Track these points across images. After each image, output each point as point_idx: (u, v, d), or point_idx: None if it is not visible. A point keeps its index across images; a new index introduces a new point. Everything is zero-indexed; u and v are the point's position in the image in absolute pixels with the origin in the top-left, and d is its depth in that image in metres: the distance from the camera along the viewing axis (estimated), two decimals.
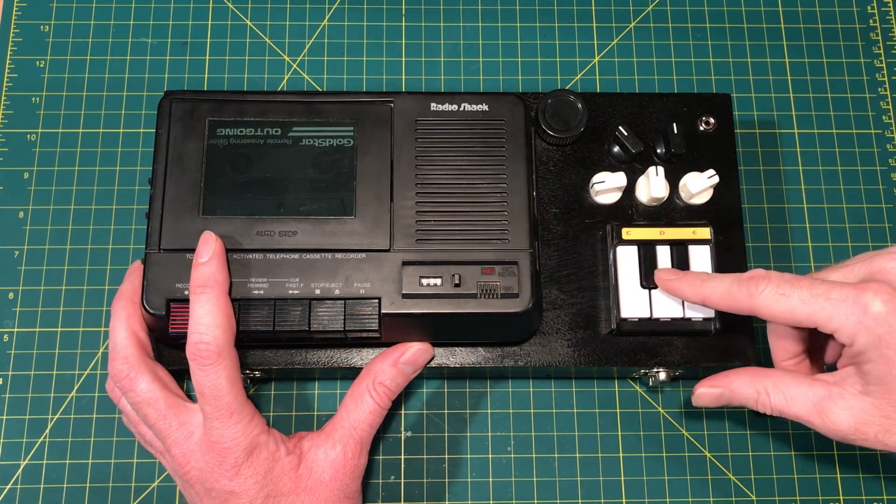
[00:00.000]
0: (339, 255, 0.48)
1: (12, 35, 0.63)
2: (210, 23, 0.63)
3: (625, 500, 0.55)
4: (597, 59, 0.63)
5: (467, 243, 0.48)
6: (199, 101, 0.51)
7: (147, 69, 0.62)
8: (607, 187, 0.52)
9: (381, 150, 0.50)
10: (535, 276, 0.48)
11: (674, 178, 0.54)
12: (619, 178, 0.52)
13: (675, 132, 0.53)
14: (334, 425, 0.49)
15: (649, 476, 0.55)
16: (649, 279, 0.50)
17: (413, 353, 0.50)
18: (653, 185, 0.52)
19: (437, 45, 0.63)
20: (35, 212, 0.59)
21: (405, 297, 0.47)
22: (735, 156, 0.54)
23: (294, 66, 0.63)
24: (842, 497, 0.55)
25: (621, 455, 0.55)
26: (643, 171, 0.54)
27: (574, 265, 0.53)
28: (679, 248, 0.51)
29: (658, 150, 0.54)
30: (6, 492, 0.54)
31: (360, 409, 0.49)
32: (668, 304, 0.50)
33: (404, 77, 0.63)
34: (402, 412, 0.56)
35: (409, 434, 0.56)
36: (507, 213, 0.49)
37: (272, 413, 0.56)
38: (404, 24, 0.64)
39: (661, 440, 0.56)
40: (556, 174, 0.54)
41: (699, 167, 0.54)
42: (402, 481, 0.55)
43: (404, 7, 0.64)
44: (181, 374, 0.51)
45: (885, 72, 0.64)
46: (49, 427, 0.55)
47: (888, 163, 0.62)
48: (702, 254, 0.51)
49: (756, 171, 0.61)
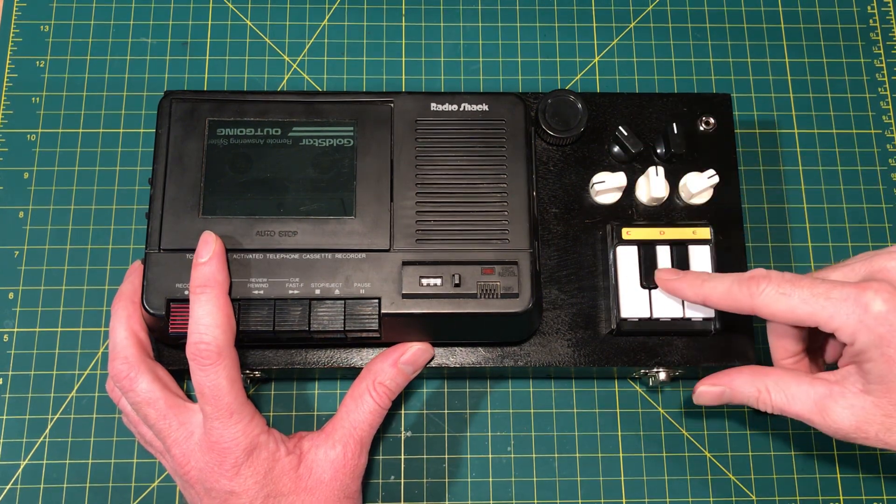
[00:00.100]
0: (339, 255, 0.48)
1: (12, 35, 0.63)
2: (210, 23, 0.63)
3: (625, 500, 0.55)
4: (597, 59, 0.63)
5: (467, 243, 0.48)
6: (199, 101, 0.51)
7: (147, 69, 0.62)
8: (607, 187, 0.52)
9: (381, 150, 0.50)
10: (535, 276, 0.48)
11: (674, 178, 0.54)
12: (619, 178, 0.52)
13: (675, 132, 0.53)
14: (334, 425, 0.49)
15: (649, 476, 0.55)
16: (649, 279, 0.50)
17: (413, 353, 0.50)
18: (653, 185, 0.52)
19: (437, 45, 0.63)
20: (35, 212, 0.59)
21: (405, 297, 0.47)
22: (735, 156, 0.54)
23: (294, 66, 0.63)
24: (842, 497, 0.55)
25: (621, 455, 0.55)
26: (643, 171, 0.54)
27: (574, 265, 0.53)
28: (679, 248, 0.51)
29: (658, 150, 0.54)
30: (6, 492, 0.54)
31: (360, 409, 0.49)
32: (668, 304, 0.50)
33: (404, 77, 0.63)
34: (402, 412, 0.56)
35: (409, 434, 0.56)
36: (507, 213, 0.49)
37: (272, 413, 0.56)
38: (404, 24, 0.64)
39: (661, 440, 0.56)
40: (556, 174, 0.54)
41: (699, 167, 0.53)
42: (402, 481, 0.55)
43: (404, 7, 0.64)
44: (181, 374, 0.51)
45: (885, 72, 0.64)
46: (49, 427, 0.55)
47: (888, 163, 0.62)
48: (702, 254, 0.51)
49: (756, 171, 0.61)
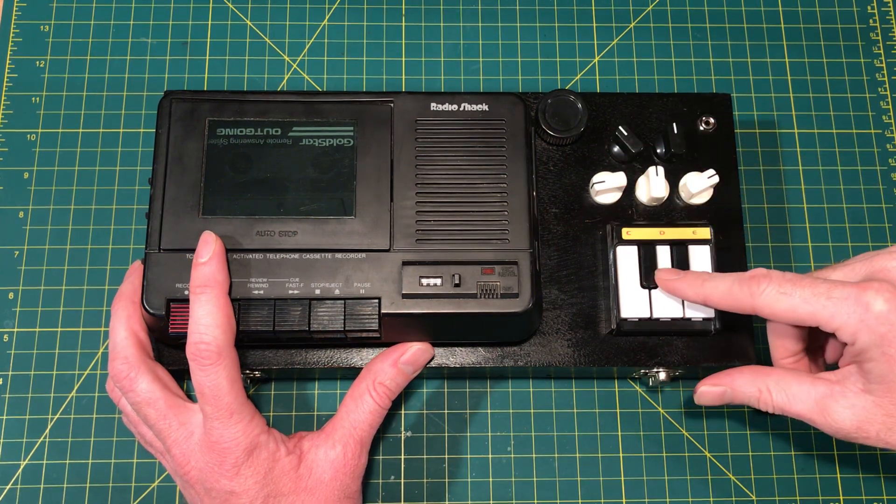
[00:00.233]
0: (339, 255, 0.48)
1: (12, 35, 0.63)
2: (210, 23, 0.63)
3: (625, 500, 0.55)
4: (597, 59, 0.63)
5: (467, 243, 0.48)
6: (199, 101, 0.51)
7: (147, 69, 0.62)
8: (607, 187, 0.52)
9: (381, 150, 0.50)
10: (535, 276, 0.48)
11: (674, 178, 0.54)
12: (619, 178, 0.52)
13: (675, 132, 0.53)
14: (334, 425, 0.49)
15: (649, 476, 0.55)
16: (649, 279, 0.50)
17: (413, 353, 0.50)
18: (653, 185, 0.52)
19: (437, 45, 0.63)
20: (35, 212, 0.59)
21: (405, 297, 0.47)
22: (735, 156, 0.54)
23: (294, 66, 0.63)
24: (842, 497, 0.55)
25: (621, 455, 0.55)
26: (643, 171, 0.54)
27: (574, 265, 0.53)
28: (679, 248, 0.51)
29: (658, 150, 0.54)
30: (6, 492, 0.54)
31: (360, 409, 0.49)
32: (668, 304, 0.50)
33: (404, 77, 0.63)
34: (402, 412, 0.56)
35: (409, 434, 0.56)
36: (507, 213, 0.49)
37: (272, 413, 0.56)
38: (404, 24, 0.64)
39: (661, 440, 0.56)
40: (556, 174, 0.54)
41: (699, 167, 0.53)
42: (402, 481, 0.55)
43: (404, 7, 0.64)
44: (181, 374, 0.51)
45: (885, 72, 0.64)
46: (49, 427, 0.55)
47: (888, 163, 0.62)
48: (702, 254, 0.51)
49: (756, 171, 0.61)
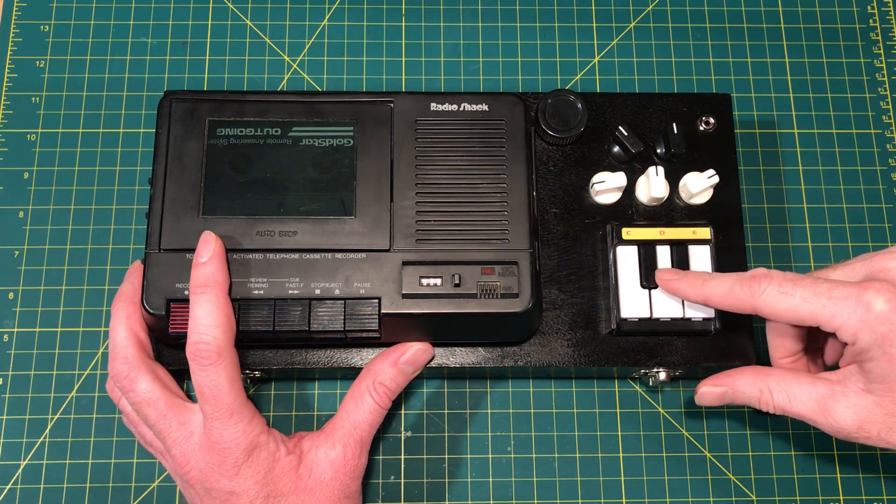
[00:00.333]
0: (339, 255, 0.48)
1: (12, 35, 0.63)
2: (210, 23, 0.63)
3: (625, 500, 0.55)
4: (597, 59, 0.63)
5: (467, 243, 0.48)
6: (199, 101, 0.51)
7: (147, 69, 0.62)
8: (607, 187, 0.52)
9: (381, 150, 0.50)
10: (535, 276, 0.48)
11: (674, 178, 0.54)
12: (619, 178, 0.52)
13: (675, 132, 0.53)
14: (334, 425, 0.49)
15: (649, 476, 0.55)
16: (649, 279, 0.50)
17: (413, 353, 0.50)
18: (653, 185, 0.52)
19: (437, 45, 0.63)
20: (35, 212, 0.59)
21: (405, 297, 0.47)
22: (735, 156, 0.54)
23: (294, 66, 0.63)
24: (842, 497, 0.55)
25: (621, 455, 0.55)
26: (643, 171, 0.54)
27: (574, 265, 0.53)
28: (679, 248, 0.51)
29: (658, 150, 0.54)
30: (6, 492, 0.54)
31: (361, 409, 0.49)
32: (668, 304, 0.50)
33: (404, 77, 0.63)
34: (402, 412, 0.56)
35: (409, 434, 0.56)
36: (507, 213, 0.49)
37: (272, 413, 0.56)
38: (404, 24, 0.64)
39: (661, 440, 0.56)
40: (556, 174, 0.54)
41: (699, 167, 0.54)
42: (402, 481, 0.55)
43: (404, 7, 0.64)
44: (181, 374, 0.51)
45: (885, 72, 0.64)
46: (49, 427, 0.55)
47: (888, 163, 0.62)
48: (702, 254, 0.51)
49: (756, 171, 0.61)
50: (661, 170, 0.52)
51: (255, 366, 0.51)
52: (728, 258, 0.52)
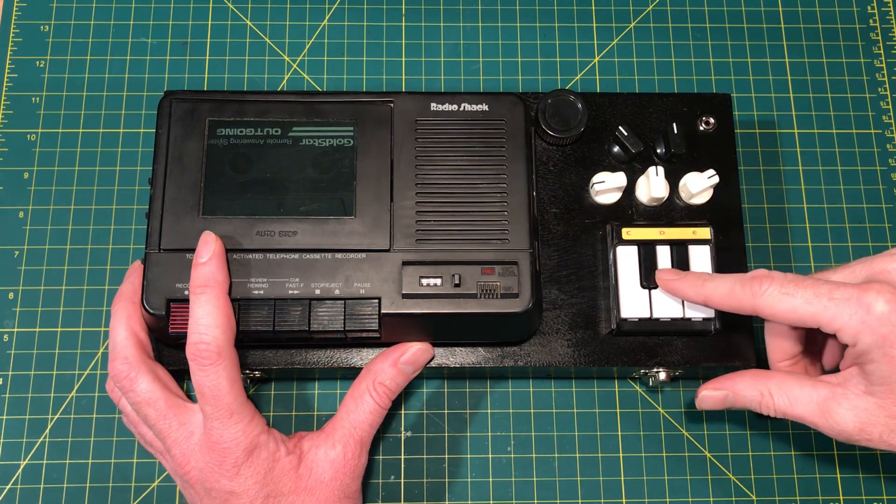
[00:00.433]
0: (339, 255, 0.48)
1: (12, 35, 0.63)
2: (210, 23, 0.63)
3: (625, 500, 0.55)
4: (597, 59, 0.63)
5: (467, 243, 0.48)
6: (199, 101, 0.51)
7: (147, 69, 0.62)
8: (607, 187, 0.52)
9: (381, 150, 0.50)
10: (535, 276, 0.48)
11: (674, 178, 0.54)
12: (619, 178, 0.52)
13: (675, 132, 0.53)
14: (334, 425, 0.49)
15: (649, 476, 0.55)
16: (649, 279, 0.50)
17: (413, 353, 0.50)
18: (653, 185, 0.52)
19: (437, 45, 0.63)
20: (35, 212, 0.59)
21: (405, 297, 0.47)
22: (735, 156, 0.54)
23: (294, 66, 0.63)
24: (842, 497, 0.55)
25: (621, 455, 0.55)
26: (643, 171, 0.54)
27: (574, 265, 0.53)
28: (679, 248, 0.51)
29: (658, 150, 0.54)
30: (6, 492, 0.54)
31: (360, 409, 0.49)
32: (668, 304, 0.50)
33: (404, 77, 0.63)
34: (402, 412, 0.56)
35: (409, 434, 0.56)
36: (507, 213, 0.49)
37: (272, 413, 0.56)
38: (404, 24, 0.64)
39: (661, 440, 0.56)
40: (556, 174, 0.54)
41: (699, 167, 0.54)
42: (402, 481, 0.55)
43: (404, 7, 0.64)
44: (181, 374, 0.51)
45: (885, 72, 0.64)
46: (49, 427, 0.55)
47: (888, 163, 0.62)
48: (702, 254, 0.51)
49: (756, 171, 0.61)
50: (661, 170, 0.52)
51: (255, 366, 0.51)
52: (728, 258, 0.52)
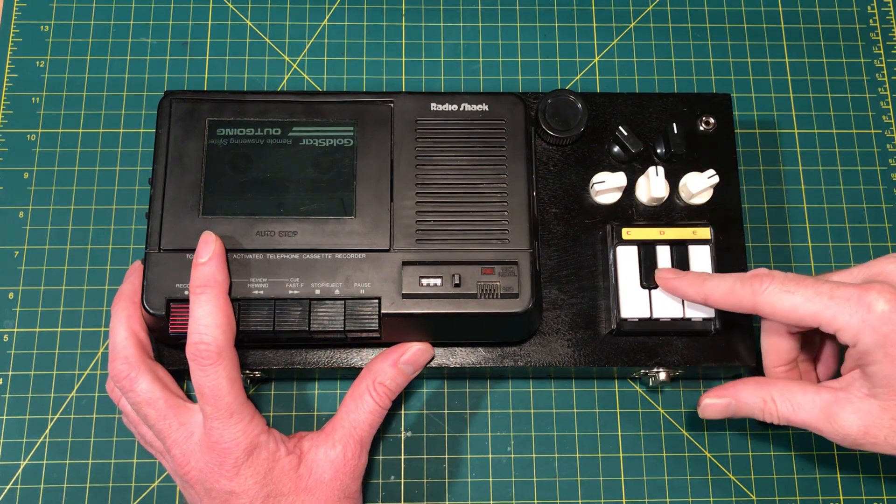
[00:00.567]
0: (339, 255, 0.48)
1: (12, 35, 0.63)
2: (210, 23, 0.63)
3: (625, 500, 0.55)
4: (597, 59, 0.63)
5: (467, 243, 0.48)
6: (199, 101, 0.51)
7: (147, 69, 0.62)
8: (607, 187, 0.52)
9: (381, 150, 0.50)
10: (535, 276, 0.48)
11: (674, 178, 0.54)
12: (619, 178, 0.52)
13: (675, 132, 0.53)
14: (334, 425, 0.49)
15: (649, 476, 0.55)
16: (649, 279, 0.50)
17: (413, 353, 0.50)
18: (653, 185, 0.52)
19: (437, 45, 0.63)
20: (35, 212, 0.59)
21: (405, 297, 0.47)
22: (735, 156, 0.54)
23: (294, 66, 0.63)
24: (842, 497, 0.55)
25: (621, 455, 0.55)
26: (643, 171, 0.54)
27: (574, 265, 0.53)
28: (679, 248, 0.51)
29: (658, 150, 0.54)
30: (6, 492, 0.54)
31: (360, 409, 0.49)
32: (668, 304, 0.50)
33: (404, 77, 0.63)
34: (402, 412, 0.56)
35: (409, 434, 0.56)
36: (507, 213, 0.49)
37: (272, 413, 0.56)
38: (404, 24, 0.64)
39: (661, 440, 0.56)
40: (556, 174, 0.54)
41: (699, 167, 0.54)
42: (402, 481, 0.55)
43: (404, 7, 0.64)
44: (181, 374, 0.51)
45: (885, 72, 0.64)
46: (49, 427, 0.55)
47: (888, 163, 0.62)
48: (702, 254, 0.51)
49: (756, 171, 0.61)
50: (661, 170, 0.52)
51: (255, 366, 0.51)
52: (728, 258, 0.52)
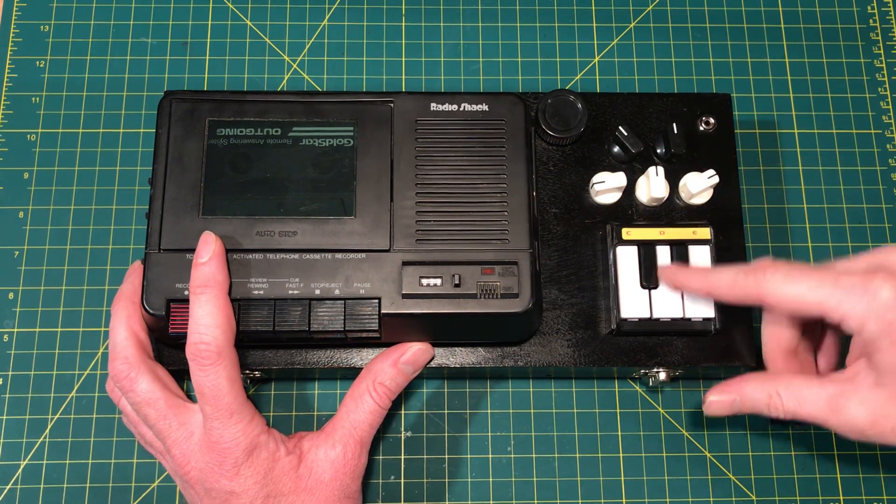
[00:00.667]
0: (339, 255, 0.48)
1: (12, 35, 0.63)
2: (210, 23, 0.63)
3: (625, 500, 0.55)
4: (597, 59, 0.63)
5: (467, 243, 0.48)
6: (199, 101, 0.51)
7: (147, 69, 0.62)
8: (607, 187, 0.52)
9: (381, 150, 0.50)
10: (535, 276, 0.48)
11: (674, 178, 0.54)
12: (619, 178, 0.52)
13: (675, 132, 0.53)
14: (334, 425, 0.49)
15: (649, 476, 0.55)
16: (649, 279, 0.50)
17: (413, 353, 0.50)
18: (653, 185, 0.52)
19: (437, 45, 0.63)
20: (35, 212, 0.59)
21: (405, 297, 0.47)
22: (735, 156, 0.54)
23: (294, 66, 0.63)
24: (842, 497, 0.55)
25: (621, 455, 0.55)
26: (643, 171, 0.54)
27: (574, 265, 0.53)
28: (679, 248, 0.51)
29: (658, 150, 0.54)
30: (6, 492, 0.54)
31: (360, 409, 0.49)
32: (668, 304, 0.50)
33: (404, 77, 0.63)
34: (402, 412, 0.56)
35: (409, 434, 0.56)
36: (507, 213, 0.49)
37: (272, 413, 0.56)
38: (404, 24, 0.64)
39: (661, 440, 0.56)
40: (556, 174, 0.54)
41: (699, 167, 0.53)
42: (402, 481, 0.55)
43: (404, 7, 0.64)
44: (181, 374, 0.51)
45: (885, 72, 0.64)
46: (49, 427, 0.55)
47: (888, 163, 0.62)
48: (702, 254, 0.51)
49: (756, 171, 0.61)
50: (661, 170, 0.52)
51: (255, 366, 0.51)
52: (728, 258, 0.52)
